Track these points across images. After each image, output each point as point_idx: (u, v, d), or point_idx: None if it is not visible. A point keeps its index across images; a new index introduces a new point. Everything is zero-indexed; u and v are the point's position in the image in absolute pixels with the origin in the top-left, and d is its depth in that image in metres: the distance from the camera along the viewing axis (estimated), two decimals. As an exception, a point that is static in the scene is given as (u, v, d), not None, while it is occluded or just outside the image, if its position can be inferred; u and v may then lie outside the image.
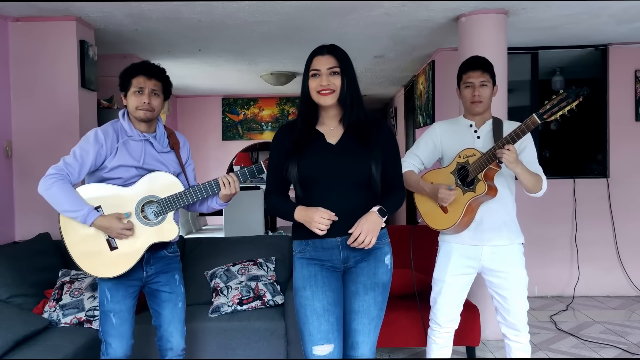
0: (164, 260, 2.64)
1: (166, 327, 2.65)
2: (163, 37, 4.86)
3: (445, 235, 2.81)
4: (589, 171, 6.23)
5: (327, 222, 2.12)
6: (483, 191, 2.59)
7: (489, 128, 2.77)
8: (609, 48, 5.45)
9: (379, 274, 2.24)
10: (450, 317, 2.82)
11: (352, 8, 4.08)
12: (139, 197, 2.51)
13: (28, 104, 4.15)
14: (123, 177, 2.52)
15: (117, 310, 2.54)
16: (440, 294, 2.80)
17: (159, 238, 2.53)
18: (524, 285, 2.76)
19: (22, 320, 3.05)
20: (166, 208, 2.53)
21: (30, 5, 3.86)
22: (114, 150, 2.50)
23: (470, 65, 2.76)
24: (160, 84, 2.58)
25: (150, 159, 2.56)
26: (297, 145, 2.21)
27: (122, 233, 2.45)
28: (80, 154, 2.47)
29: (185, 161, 2.72)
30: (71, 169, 2.44)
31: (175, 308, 2.66)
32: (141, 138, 2.56)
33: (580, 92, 2.43)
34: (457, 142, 2.76)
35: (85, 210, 2.41)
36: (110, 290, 2.53)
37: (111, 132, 2.52)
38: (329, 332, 2.17)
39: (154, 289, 2.64)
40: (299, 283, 2.24)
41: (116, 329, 2.54)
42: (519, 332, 2.79)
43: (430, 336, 2.90)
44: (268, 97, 9.08)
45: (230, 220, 6.28)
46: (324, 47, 2.24)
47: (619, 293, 5.43)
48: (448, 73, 5.43)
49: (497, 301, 2.80)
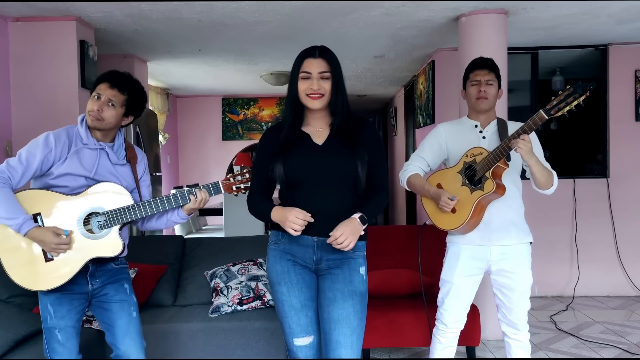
0: (110, 273, 2.46)
1: (122, 340, 2.45)
2: (163, 37, 4.86)
3: (454, 237, 2.79)
4: (589, 171, 6.23)
5: (301, 222, 2.10)
6: (491, 189, 2.57)
7: (494, 128, 2.76)
8: (609, 48, 5.45)
9: (355, 282, 2.21)
10: (457, 318, 2.82)
11: (352, 8, 4.08)
12: (84, 207, 2.35)
13: (28, 104, 4.15)
14: (70, 186, 2.35)
15: (62, 326, 2.36)
16: (448, 295, 2.79)
17: (100, 253, 2.35)
18: (529, 286, 2.76)
19: (22, 320, 3.05)
20: (112, 221, 2.36)
21: (30, 5, 3.87)
22: (64, 156, 2.34)
23: (477, 64, 2.78)
24: (124, 97, 2.39)
25: (103, 170, 2.41)
26: (283, 146, 2.20)
27: (56, 248, 2.28)
28: (26, 157, 2.30)
29: (141, 176, 2.55)
30: (14, 172, 2.28)
31: (130, 318, 2.46)
32: (97, 147, 2.40)
33: (587, 87, 2.41)
34: (463, 143, 2.75)
35: (20, 219, 2.25)
36: (53, 306, 2.36)
37: (63, 137, 2.36)
38: (308, 325, 2.23)
39: (103, 302, 2.45)
40: (274, 278, 2.25)
41: (63, 345, 2.37)
42: (519, 330, 2.80)
43: (435, 335, 2.89)
44: (268, 97, 9.08)
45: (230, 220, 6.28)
46: (315, 49, 2.22)
47: (619, 293, 5.43)
48: (448, 73, 5.43)
49: (500, 300, 2.80)
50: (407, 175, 2.81)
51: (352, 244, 2.11)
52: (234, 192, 2.49)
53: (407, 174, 2.81)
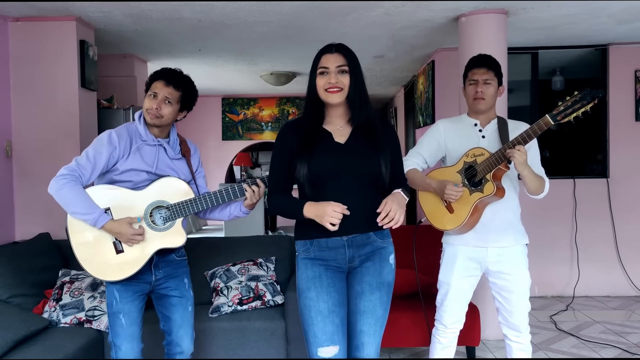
0: (172, 264, 2.61)
1: (176, 331, 2.62)
2: (163, 37, 4.86)
3: (450, 237, 2.79)
4: (589, 171, 6.23)
5: (339, 215, 2.08)
6: (492, 192, 2.56)
7: (494, 127, 2.74)
8: (609, 48, 5.45)
9: (384, 274, 2.23)
10: (456, 318, 2.82)
11: (352, 8, 4.08)
12: (149, 201, 2.48)
13: (28, 104, 4.15)
14: (133, 181, 2.48)
15: (126, 310, 2.50)
16: (447, 296, 2.79)
17: (166, 244, 2.49)
18: (527, 287, 2.75)
19: (22, 320, 3.05)
20: (176, 214, 2.49)
21: (30, 5, 3.86)
22: (127, 153, 2.46)
23: (476, 63, 2.75)
24: (179, 94, 2.52)
25: (162, 165, 2.53)
26: (306, 144, 2.19)
27: (132, 239, 2.42)
28: (93, 155, 2.43)
29: (196, 169, 2.68)
30: (83, 170, 2.41)
31: (186, 312, 2.63)
32: (155, 143, 2.52)
33: (595, 94, 2.38)
34: (462, 141, 2.74)
35: (96, 214, 2.38)
36: (119, 291, 2.49)
37: (125, 135, 2.48)
38: (334, 333, 2.16)
39: (163, 294, 2.61)
40: (303, 284, 2.21)
41: (126, 329, 2.49)
42: (521, 333, 2.78)
43: (434, 335, 2.89)
44: (268, 97, 9.09)
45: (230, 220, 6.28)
46: (332, 45, 2.23)
47: (619, 293, 5.43)
48: (448, 73, 5.43)
49: (500, 302, 2.79)
50: (405, 170, 2.79)
51: (402, 218, 2.10)
52: None
53: (406, 169, 2.77)
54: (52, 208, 2.49)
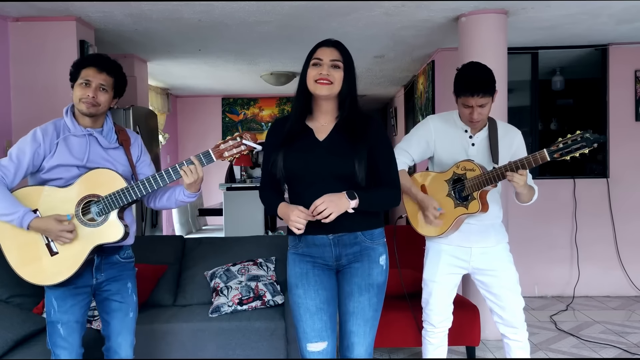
0: (116, 267, 2.48)
1: (115, 338, 2.50)
2: (163, 37, 4.86)
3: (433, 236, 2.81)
4: (589, 171, 6.22)
5: (302, 221, 2.08)
6: (476, 210, 2.59)
7: (485, 135, 2.72)
8: (609, 48, 5.45)
9: (373, 275, 2.22)
10: (443, 317, 2.82)
11: (352, 8, 4.08)
12: (79, 196, 2.33)
13: (28, 104, 4.15)
14: (64, 178, 2.34)
15: (64, 320, 2.39)
16: (432, 294, 2.79)
17: (102, 239, 2.33)
18: (515, 281, 2.75)
19: (22, 320, 3.05)
20: (108, 206, 2.33)
21: (30, 5, 3.87)
22: (53, 148, 2.33)
23: (470, 89, 2.53)
24: (112, 80, 2.39)
25: (95, 157, 2.38)
26: (285, 140, 2.19)
27: (61, 235, 2.27)
28: (16, 155, 2.31)
29: (137, 158, 2.53)
30: (6, 170, 2.29)
31: (126, 318, 2.51)
32: (84, 133, 2.37)
33: (597, 140, 2.34)
34: (451, 146, 2.73)
35: (20, 212, 2.25)
36: (57, 300, 2.37)
37: (51, 130, 2.35)
38: (322, 330, 2.19)
39: (104, 297, 2.49)
40: (292, 280, 2.25)
41: (65, 339, 2.39)
42: (517, 329, 2.77)
43: (425, 337, 2.90)
44: (268, 97, 9.08)
45: (230, 220, 6.28)
46: (330, 40, 2.23)
47: (619, 293, 5.43)
48: (448, 73, 5.42)
49: (491, 301, 2.79)
50: None
51: (333, 216, 2.05)
52: (227, 159, 2.41)
53: None
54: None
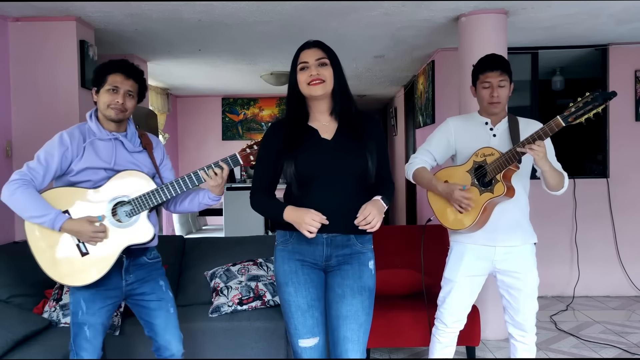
0: (144, 268, 2.52)
1: (162, 335, 2.54)
2: (163, 37, 4.86)
3: (458, 236, 2.76)
4: (589, 171, 6.23)
5: (317, 224, 2.08)
6: (502, 192, 2.53)
7: (505, 126, 2.71)
8: (609, 48, 5.45)
9: (364, 278, 2.22)
10: (457, 318, 2.80)
11: (352, 8, 4.08)
12: (109, 198, 2.38)
13: (28, 104, 4.15)
14: (92, 180, 2.39)
15: (92, 322, 2.40)
16: (450, 294, 2.77)
17: (132, 240, 2.39)
18: (535, 287, 2.73)
19: (22, 320, 3.05)
20: (138, 208, 2.39)
21: (30, 5, 3.86)
22: (80, 152, 2.38)
23: (489, 65, 2.66)
24: (137, 86, 2.46)
25: (121, 160, 2.44)
26: (291, 143, 2.19)
27: (94, 237, 2.32)
28: (44, 158, 2.35)
29: (160, 161, 2.60)
30: (35, 173, 2.33)
31: (168, 315, 2.55)
32: (110, 137, 2.43)
33: (607, 96, 2.34)
34: (472, 140, 2.71)
35: (52, 214, 2.29)
36: (86, 302, 2.39)
37: (77, 134, 2.41)
38: (314, 326, 2.21)
39: (140, 300, 2.52)
40: (281, 278, 2.24)
41: (90, 342, 2.40)
42: (526, 333, 2.75)
43: (434, 335, 2.88)
44: (268, 97, 9.09)
45: (230, 220, 6.28)
46: (309, 41, 2.24)
47: (619, 293, 5.43)
48: (448, 73, 5.43)
49: (507, 300, 2.76)
50: (413, 168, 2.77)
51: (379, 223, 2.10)
52: (252, 162, 2.45)
53: (414, 167, 2.77)
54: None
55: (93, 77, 2.46)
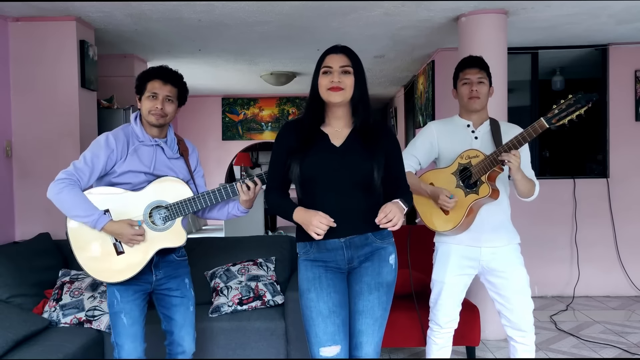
0: (172, 264, 2.61)
1: (178, 331, 2.62)
2: (163, 37, 4.86)
3: (443, 237, 2.78)
4: (589, 171, 6.23)
5: (324, 227, 2.09)
6: (487, 194, 2.56)
7: (487, 129, 2.75)
8: (609, 48, 5.45)
9: (383, 274, 2.23)
10: (450, 317, 2.80)
11: (352, 8, 4.08)
12: (148, 201, 2.48)
13: (28, 104, 4.15)
14: (132, 182, 2.49)
15: (127, 310, 2.50)
16: (440, 295, 2.78)
17: (166, 244, 2.50)
18: (526, 283, 2.74)
19: (22, 320, 3.05)
20: (175, 214, 2.49)
21: (30, 5, 3.87)
22: (125, 155, 2.47)
23: (467, 63, 2.76)
24: (176, 90, 2.54)
25: (160, 165, 2.53)
26: (302, 145, 2.20)
27: (133, 239, 2.43)
28: (91, 159, 2.44)
29: (194, 168, 2.68)
30: (81, 173, 2.41)
31: (187, 312, 2.65)
32: (152, 143, 2.53)
33: (590, 98, 2.39)
34: (454, 142, 2.74)
35: (96, 215, 2.39)
36: (119, 291, 2.50)
37: (122, 137, 2.49)
38: (335, 333, 2.17)
39: (164, 294, 2.61)
40: (304, 285, 2.23)
41: (128, 329, 2.50)
42: (525, 332, 2.75)
43: (430, 337, 2.88)
44: (268, 97, 9.09)
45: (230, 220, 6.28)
46: (337, 46, 2.25)
47: (619, 293, 5.43)
48: (448, 73, 5.39)
49: (500, 303, 2.77)
50: None
51: (401, 222, 2.10)
52: None
53: None
54: (52, 208, 2.48)
55: (136, 85, 2.55)
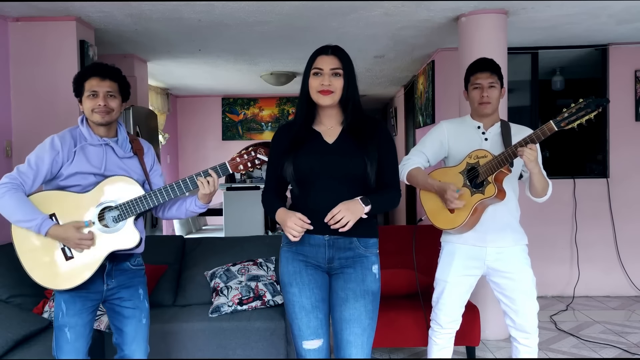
0: (127, 274, 2.48)
1: (129, 345, 2.49)
2: (163, 37, 4.86)
3: (449, 236, 2.78)
4: (589, 171, 6.22)
5: (299, 229, 2.11)
6: (493, 194, 2.55)
7: (497, 131, 2.74)
8: (609, 48, 5.45)
9: (367, 282, 2.22)
10: (452, 318, 2.80)
11: (352, 8, 4.08)
12: (96, 202, 2.37)
13: (28, 104, 4.15)
14: (81, 185, 2.38)
15: (72, 324, 2.37)
16: (443, 294, 2.78)
17: (117, 246, 2.37)
18: (532, 285, 2.72)
19: (22, 320, 3.05)
20: (126, 213, 2.37)
21: (30, 5, 3.86)
22: (71, 156, 2.36)
23: (479, 67, 2.74)
24: (116, 85, 2.43)
25: (111, 165, 2.42)
26: (294, 144, 2.21)
27: (80, 243, 2.30)
28: (35, 162, 2.33)
29: (150, 167, 2.57)
30: (25, 177, 2.31)
31: (139, 325, 2.50)
32: (101, 142, 2.42)
33: (600, 103, 2.38)
34: (464, 143, 2.73)
35: (39, 219, 2.27)
36: (66, 303, 2.37)
37: (68, 138, 2.39)
38: (318, 327, 2.21)
39: (115, 305, 2.48)
40: (285, 278, 2.26)
41: (71, 344, 2.37)
42: (529, 334, 2.74)
43: (431, 337, 2.88)
44: (268, 97, 9.09)
45: (230, 220, 6.29)
46: (328, 47, 2.23)
47: (619, 293, 5.43)
48: (448, 73, 5.43)
49: (505, 304, 2.76)
50: (407, 169, 2.78)
51: (351, 223, 2.09)
52: (242, 171, 2.46)
53: (408, 167, 2.78)
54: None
55: (73, 88, 2.45)
